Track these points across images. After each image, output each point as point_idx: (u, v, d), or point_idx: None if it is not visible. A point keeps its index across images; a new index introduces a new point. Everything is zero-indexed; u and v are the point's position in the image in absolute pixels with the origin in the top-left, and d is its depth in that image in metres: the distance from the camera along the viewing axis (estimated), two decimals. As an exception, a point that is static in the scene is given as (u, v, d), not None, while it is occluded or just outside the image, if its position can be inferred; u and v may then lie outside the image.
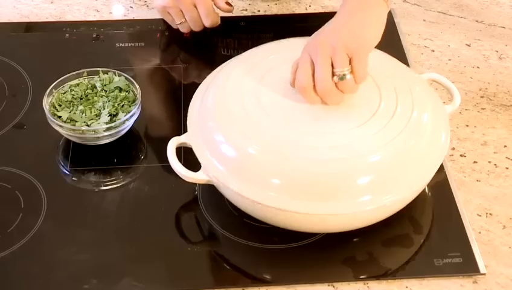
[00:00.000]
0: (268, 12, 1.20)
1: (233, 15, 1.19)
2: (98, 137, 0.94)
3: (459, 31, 1.15)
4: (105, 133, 0.94)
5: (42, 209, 0.90)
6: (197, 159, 0.86)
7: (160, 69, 1.10)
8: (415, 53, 1.12)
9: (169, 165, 0.86)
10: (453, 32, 1.15)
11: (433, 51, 1.12)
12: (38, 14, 1.18)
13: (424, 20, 1.18)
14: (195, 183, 0.88)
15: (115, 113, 0.95)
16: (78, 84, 0.99)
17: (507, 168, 0.95)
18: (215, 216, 0.89)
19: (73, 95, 0.98)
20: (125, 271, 0.84)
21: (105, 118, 0.94)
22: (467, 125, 1.00)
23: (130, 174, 0.95)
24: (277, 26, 1.16)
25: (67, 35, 1.14)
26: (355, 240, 0.86)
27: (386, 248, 0.86)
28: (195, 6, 1.07)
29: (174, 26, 1.11)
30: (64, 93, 0.98)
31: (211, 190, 0.87)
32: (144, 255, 0.86)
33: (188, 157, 0.89)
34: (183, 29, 1.10)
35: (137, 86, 0.98)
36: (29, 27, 1.17)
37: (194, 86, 0.95)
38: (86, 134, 0.94)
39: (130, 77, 0.99)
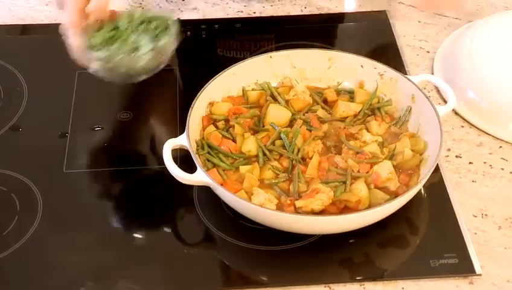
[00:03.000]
0: (264, 14, 1.20)
1: (229, 17, 1.19)
2: (143, 68, 0.91)
3: (454, 32, 1.16)
4: (149, 62, 0.90)
5: (38, 211, 0.89)
6: (193, 160, 0.86)
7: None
8: (410, 54, 1.12)
9: (166, 167, 0.86)
10: (448, 33, 1.15)
11: (428, 52, 1.12)
12: (34, 16, 1.18)
13: (419, 22, 1.18)
14: (192, 185, 0.88)
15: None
16: (98, 30, 0.93)
17: (502, 169, 0.95)
18: (211, 218, 0.89)
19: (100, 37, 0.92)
20: (121, 273, 0.84)
21: (147, 46, 0.91)
22: (462, 126, 1.01)
23: (126, 177, 0.94)
24: (273, 28, 1.16)
25: (62, 37, 1.14)
26: (351, 241, 0.86)
27: (382, 249, 0.86)
28: None
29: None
30: (92, 38, 0.92)
31: (207, 192, 0.87)
32: (140, 257, 0.85)
33: (184, 159, 0.89)
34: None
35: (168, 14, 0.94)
36: (24, 29, 1.16)
37: (190, 88, 0.95)
38: (131, 64, 0.90)
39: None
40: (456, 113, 1.02)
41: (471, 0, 1.22)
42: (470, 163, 0.96)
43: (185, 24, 1.15)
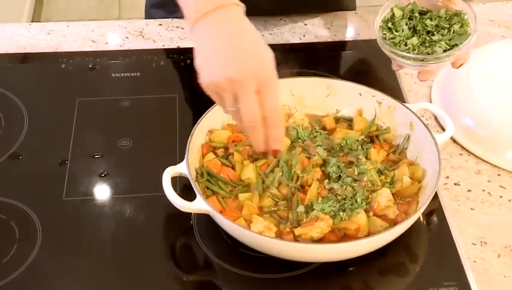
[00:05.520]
0: (263, 42, 1.21)
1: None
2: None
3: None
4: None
5: (37, 239, 0.89)
6: (192, 188, 0.86)
7: (156, 99, 1.10)
8: (409, 82, 1.12)
9: (165, 195, 0.86)
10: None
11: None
12: (35, 45, 1.19)
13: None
14: (191, 213, 0.88)
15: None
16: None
17: (501, 196, 0.95)
18: (210, 245, 0.89)
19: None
20: (120, 302, 0.83)
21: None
22: (461, 154, 1.01)
23: (125, 204, 0.95)
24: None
25: (63, 65, 1.15)
26: (350, 269, 0.86)
27: (381, 277, 0.86)
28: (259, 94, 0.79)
29: (224, 111, 0.84)
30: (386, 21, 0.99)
31: (206, 220, 0.87)
32: (139, 285, 0.85)
33: (184, 187, 0.89)
34: (236, 119, 0.83)
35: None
36: (25, 58, 1.17)
37: (190, 116, 0.95)
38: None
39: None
40: (455, 141, 1.02)
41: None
42: (469, 191, 0.96)
43: (185, 52, 1.17)
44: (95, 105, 1.08)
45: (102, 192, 0.96)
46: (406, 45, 0.98)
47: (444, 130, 0.98)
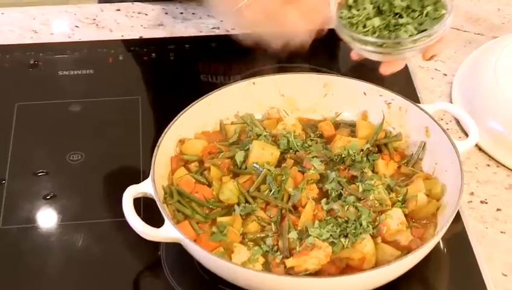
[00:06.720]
0: (245, 31, 1.22)
1: (203, 34, 1.21)
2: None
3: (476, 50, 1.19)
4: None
5: (-32, 277, 0.90)
6: (159, 211, 0.87)
7: (114, 102, 1.11)
8: (424, 78, 1.14)
9: (126, 220, 0.87)
10: (469, 51, 1.18)
11: (446, 74, 1.16)
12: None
13: (433, 38, 1.21)
14: (159, 242, 0.90)
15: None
16: None
17: (537, 216, 0.98)
18: (182, 282, 0.90)
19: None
20: None
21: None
22: (488, 165, 1.03)
23: (77, 232, 0.95)
24: (255, 47, 1.19)
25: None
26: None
27: (393, 317, 0.87)
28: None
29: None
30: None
31: (177, 250, 0.88)
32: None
33: (149, 210, 0.90)
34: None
35: None
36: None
37: (156, 123, 0.96)
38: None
39: None
40: (480, 149, 1.04)
41: (496, 12, 1.26)
42: (498, 210, 0.98)
43: (149, 44, 1.19)
44: (38, 110, 1.09)
45: (47, 218, 0.97)
46: (365, 26, 0.99)
47: (467, 135, 0.99)
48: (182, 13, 1.26)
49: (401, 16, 0.99)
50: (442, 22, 0.98)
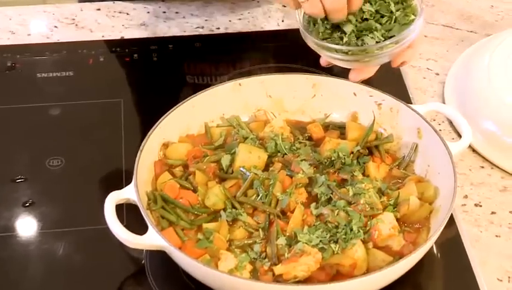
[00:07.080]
0: (231, 30, 1.23)
1: (186, 34, 1.21)
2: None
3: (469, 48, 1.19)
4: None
5: None
6: (143, 218, 0.87)
7: (95, 105, 1.11)
8: (415, 77, 1.15)
9: (108, 228, 0.87)
10: (462, 50, 1.18)
11: (438, 74, 1.16)
12: None
13: (425, 36, 1.21)
14: (142, 250, 0.89)
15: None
16: None
17: (533, 219, 0.98)
18: (167, 291, 0.90)
19: None
20: None
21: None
22: (482, 167, 1.04)
23: (57, 241, 0.95)
24: (242, 47, 1.19)
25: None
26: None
27: (385, 324, 0.87)
28: None
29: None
30: None
31: (161, 257, 0.88)
32: None
33: (132, 216, 0.90)
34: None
35: None
36: None
37: (138, 126, 0.96)
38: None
39: None
40: (474, 151, 1.05)
41: (489, 9, 1.26)
42: (493, 213, 0.98)
43: (131, 44, 1.19)
44: (15, 114, 1.09)
45: (26, 226, 0.97)
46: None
47: (460, 137, 0.99)
48: (164, 12, 1.26)
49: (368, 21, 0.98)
50: (410, 28, 0.98)
